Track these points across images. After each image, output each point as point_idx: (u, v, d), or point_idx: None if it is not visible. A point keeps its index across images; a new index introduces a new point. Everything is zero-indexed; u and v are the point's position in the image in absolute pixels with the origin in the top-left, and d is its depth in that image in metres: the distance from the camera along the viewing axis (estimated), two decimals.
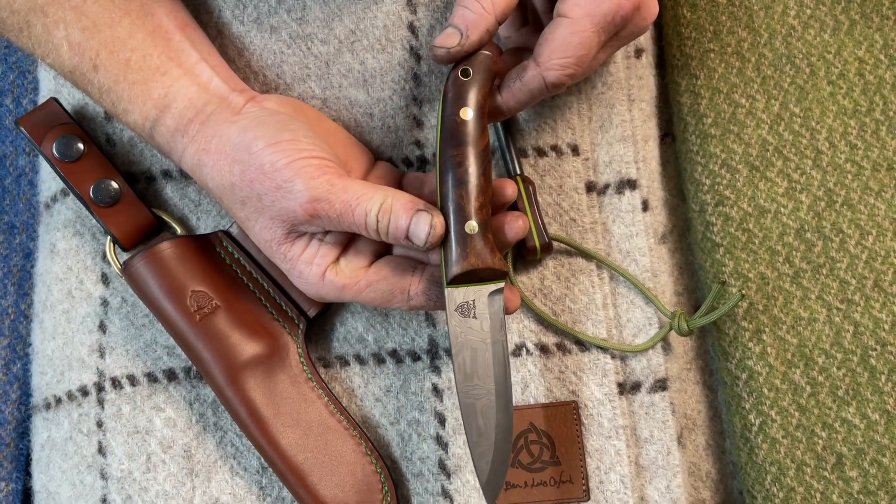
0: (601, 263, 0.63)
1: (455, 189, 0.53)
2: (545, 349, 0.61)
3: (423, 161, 0.64)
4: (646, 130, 0.66)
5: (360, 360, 0.62)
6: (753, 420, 0.60)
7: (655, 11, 0.58)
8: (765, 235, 0.63)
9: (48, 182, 0.68)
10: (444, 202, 0.53)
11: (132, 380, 0.62)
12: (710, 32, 0.67)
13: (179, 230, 0.64)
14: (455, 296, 0.53)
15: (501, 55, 0.60)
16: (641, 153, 0.65)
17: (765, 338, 0.61)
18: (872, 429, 0.59)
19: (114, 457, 0.61)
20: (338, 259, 0.56)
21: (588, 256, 0.63)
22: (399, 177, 0.62)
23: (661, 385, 0.61)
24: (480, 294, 0.54)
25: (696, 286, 0.67)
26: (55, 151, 0.62)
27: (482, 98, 0.55)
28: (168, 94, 0.57)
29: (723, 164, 0.64)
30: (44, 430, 0.64)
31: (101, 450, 0.61)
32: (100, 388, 0.62)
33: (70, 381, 0.63)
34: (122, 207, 0.63)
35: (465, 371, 0.53)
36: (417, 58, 0.62)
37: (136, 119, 0.58)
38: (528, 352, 0.61)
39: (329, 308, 0.63)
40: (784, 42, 0.67)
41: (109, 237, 0.63)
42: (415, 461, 0.60)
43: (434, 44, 0.55)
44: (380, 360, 0.62)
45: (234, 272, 0.62)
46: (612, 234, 0.64)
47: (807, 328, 0.61)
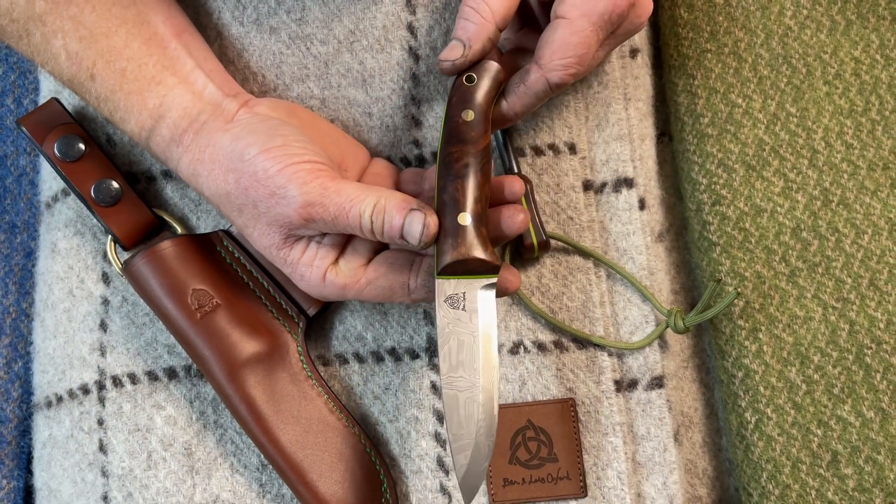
0: (598, 261, 0.63)
1: (452, 183, 0.53)
2: (542, 347, 0.62)
3: (422, 160, 0.64)
4: (642, 129, 0.66)
5: (360, 359, 0.62)
6: (749, 418, 0.60)
7: (650, 8, 0.58)
8: (761, 234, 0.63)
9: (49, 182, 0.68)
10: (441, 195, 0.54)
11: (133, 378, 0.62)
12: (707, 33, 0.67)
13: (180, 229, 0.64)
14: (445, 287, 0.53)
15: (502, 56, 0.60)
16: (638, 152, 0.65)
17: (761, 336, 0.61)
18: (867, 426, 0.59)
19: (115, 454, 0.61)
20: (337, 260, 0.56)
21: (585, 254, 0.63)
22: (396, 173, 0.62)
23: (658, 382, 0.61)
24: (471, 287, 0.53)
25: (693, 285, 0.67)
26: (57, 151, 0.62)
27: (485, 102, 0.55)
28: (163, 104, 0.57)
29: (719, 164, 0.65)
30: (45, 428, 0.65)
31: (102, 447, 0.61)
32: (101, 387, 0.62)
33: (71, 380, 0.63)
34: (123, 207, 0.63)
35: (451, 361, 0.52)
36: (416, 58, 0.62)
37: (133, 128, 0.58)
38: (526, 349, 0.61)
39: (328, 307, 0.63)
40: (781, 42, 0.67)
41: (110, 236, 0.63)
42: (413, 458, 0.60)
43: (439, 58, 0.56)
44: (379, 359, 0.62)
45: (235, 271, 0.62)
46: (610, 233, 0.64)
47: (802, 326, 0.61)
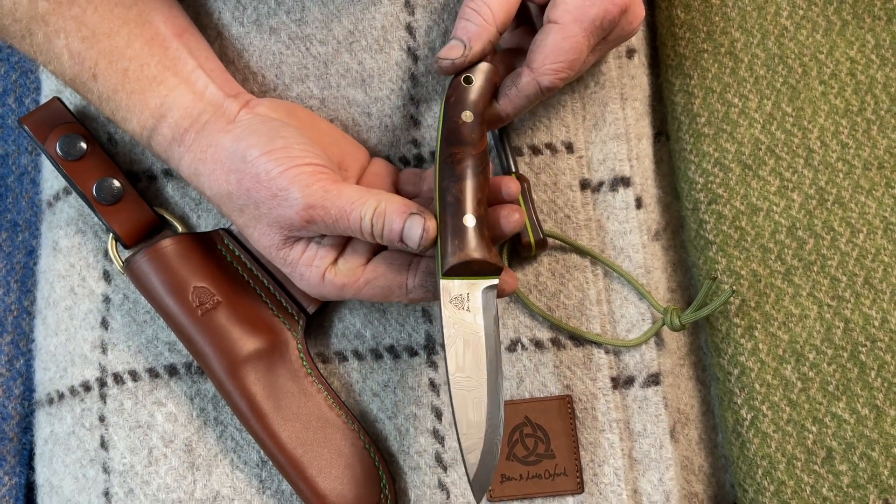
0: (595, 260, 0.63)
1: (453, 185, 0.54)
2: (540, 344, 0.62)
3: (420, 159, 0.64)
4: (639, 129, 0.66)
5: (358, 356, 0.63)
6: (745, 415, 0.60)
7: (642, 15, 0.59)
8: (757, 233, 0.63)
9: (50, 181, 0.68)
10: (443, 197, 0.54)
11: (134, 375, 0.62)
12: (704, 33, 0.67)
13: (180, 228, 0.64)
14: (449, 288, 0.53)
15: (497, 55, 0.60)
16: (635, 151, 0.65)
17: (756, 334, 0.61)
18: (862, 423, 0.59)
19: (116, 451, 0.61)
20: (336, 260, 0.56)
21: (582, 253, 0.63)
22: (395, 172, 0.62)
23: (654, 380, 0.62)
24: (475, 288, 0.53)
25: (690, 283, 0.67)
26: (58, 150, 0.62)
27: (483, 104, 0.56)
28: (164, 104, 0.58)
29: (716, 163, 0.65)
30: (47, 425, 0.65)
31: (104, 444, 0.62)
32: (102, 384, 0.62)
33: (72, 377, 0.63)
34: (125, 205, 0.63)
35: (457, 362, 0.53)
36: (415, 58, 0.63)
37: (135, 127, 0.59)
38: (524, 347, 0.62)
39: (328, 305, 0.63)
40: (777, 42, 0.67)
41: (112, 235, 0.63)
42: (412, 455, 0.61)
43: (438, 56, 0.56)
44: (377, 356, 0.62)
45: (235, 269, 0.62)
46: (606, 231, 0.64)
47: (798, 324, 0.61)
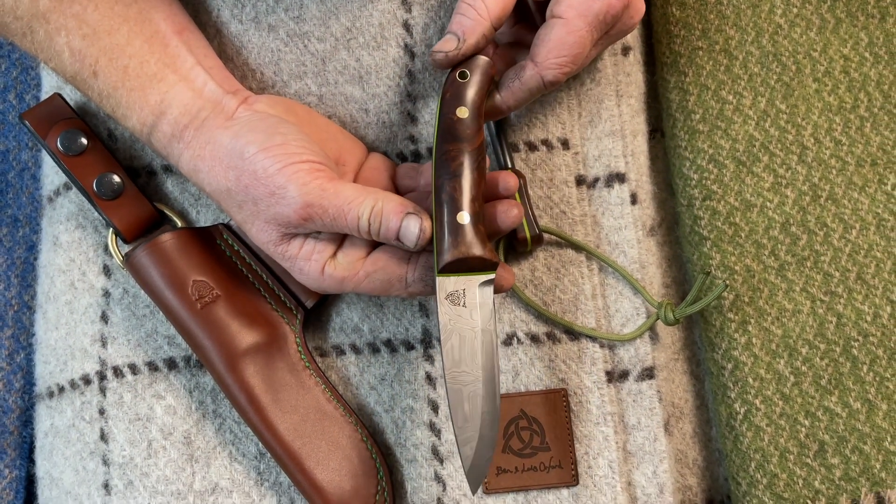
0: (591, 255, 0.63)
1: (449, 181, 0.54)
2: (535, 338, 0.62)
3: (417, 155, 0.64)
4: (634, 125, 0.66)
5: (356, 350, 0.63)
6: (738, 409, 0.60)
7: (642, 9, 0.59)
8: (751, 229, 0.63)
9: (51, 176, 0.68)
10: (439, 194, 0.54)
11: (133, 368, 0.62)
12: (699, 30, 0.67)
13: (180, 223, 0.64)
14: (446, 284, 0.54)
15: (497, 49, 0.61)
16: (630, 147, 0.65)
17: (750, 329, 0.61)
18: (854, 417, 0.59)
19: (115, 443, 0.61)
20: (335, 253, 0.57)
21: (578, 248, 0.63)
22: (392, 167, 0.62)
23: (649, 374, 0.62)
24: (471, 284, 0.54)
25: (684, 278, 0.67)
26: (59, 145, 0.63)
27: (479, 99, 0.56)
28: (164, 101, 0.58)
29: (710, 160, 0.65)
30: (47, 418, 0.65)
31: (104, 436, 0.62)
32: (102, 377, 0.63)
33: (73, 370, 0.63)
34: (125, 201, 0.63)
35: (453, 357, 0.53)
36: (412, 55, 0.63)
37: (135, 124, 0.59)
38: (519, 341, 0.62)
39: (326, 299, 0.63)
40: (771, 40, 0.67)
41: (112, 229, 0.63)
42: (409, 447, 0.61)
43: (433, 49, 0.56)
44: (375, 350, 0.63)
45: (234, 263, 0.62)
46: (602, 227, 0.64)
47: (791, 319, 0.61)
